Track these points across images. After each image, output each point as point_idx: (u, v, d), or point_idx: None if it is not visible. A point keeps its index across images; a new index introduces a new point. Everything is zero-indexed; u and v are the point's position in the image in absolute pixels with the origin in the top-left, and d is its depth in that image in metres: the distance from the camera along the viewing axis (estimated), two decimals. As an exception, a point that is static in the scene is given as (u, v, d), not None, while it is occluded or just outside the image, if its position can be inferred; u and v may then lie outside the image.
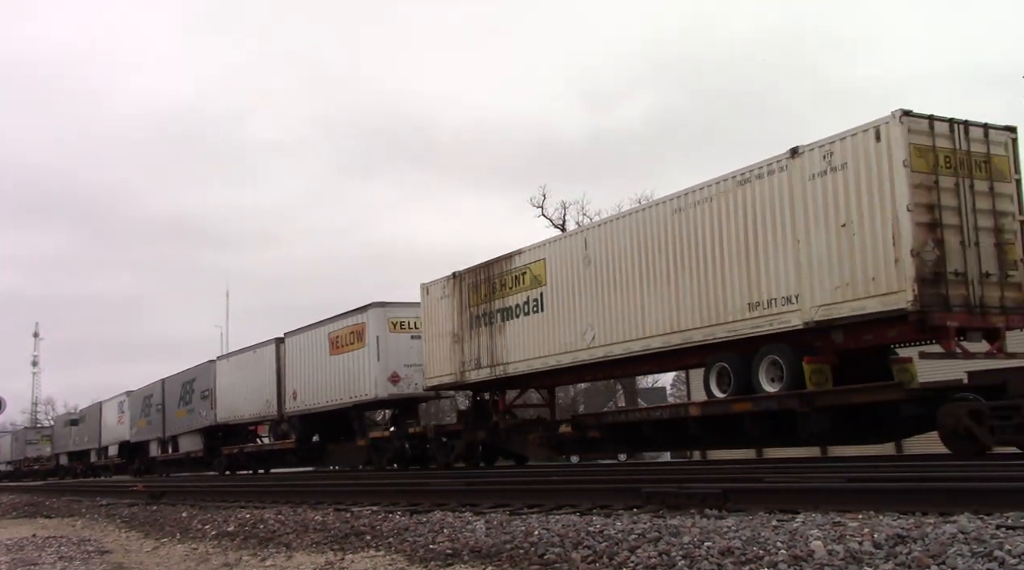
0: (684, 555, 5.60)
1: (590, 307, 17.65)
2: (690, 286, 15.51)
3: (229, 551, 9.50)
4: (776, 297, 14.09)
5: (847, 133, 13.22)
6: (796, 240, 13.79)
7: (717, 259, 15.03)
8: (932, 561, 4.67)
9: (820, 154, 13.48)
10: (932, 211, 12.63)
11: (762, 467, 12.88)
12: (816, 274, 13.48)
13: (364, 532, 8.72)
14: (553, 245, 19.24)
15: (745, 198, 14.57)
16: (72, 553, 10.85)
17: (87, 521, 15.89)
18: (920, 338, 13.27)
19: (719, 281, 14.98)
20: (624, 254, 16.98)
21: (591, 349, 17.65)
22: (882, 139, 12.71)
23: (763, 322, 14.28)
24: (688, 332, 15.57)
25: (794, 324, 13.79)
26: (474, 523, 8.12)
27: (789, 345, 14.12)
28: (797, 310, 13.76)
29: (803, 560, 5.06)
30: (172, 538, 11.38)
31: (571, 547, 6.39)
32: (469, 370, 21.20)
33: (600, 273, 17.51)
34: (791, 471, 10.50)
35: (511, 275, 20.00)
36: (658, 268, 16.17)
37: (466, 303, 21.34)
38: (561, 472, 16.51)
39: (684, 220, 15.69)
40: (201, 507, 14.30)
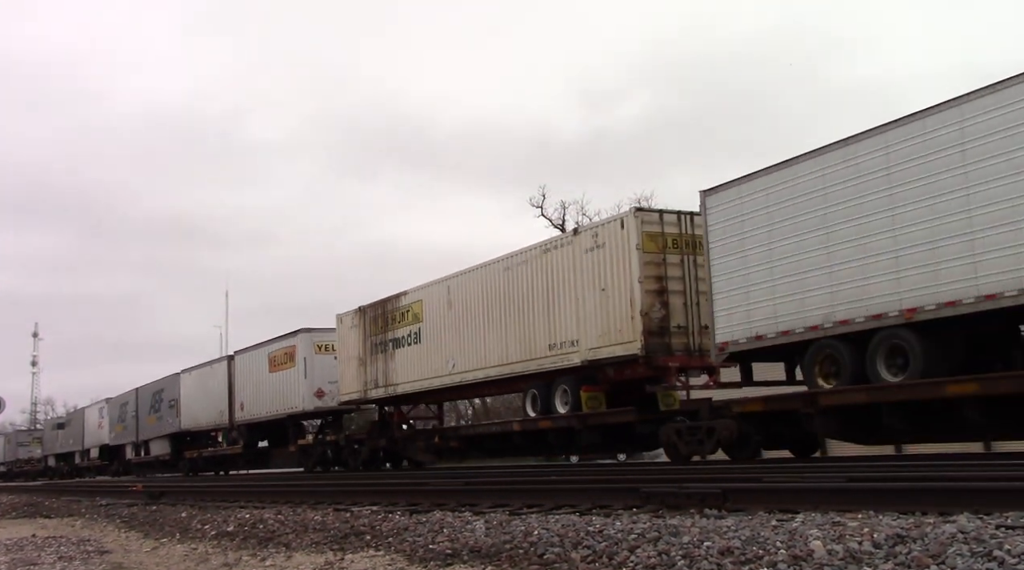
0: (684, 555, 5.60)
1: (452, 341, 22.02)
2: (514, 329, 19.88)
3: (229, 551, 9.50)
4: (565, 341, 18.44)
5: (607, 220, 18.01)
6: (576, 298, 18.10)
7: (530, 309, 19.42)
8: (932, 561, 4.67)
9: (591, 235, 17.86)
10: (660, 281, 16.83)
11: (761, 467, 12.89)
12: (588, 325, 17.79)
13: (364, 532, 8.72)
14: (428, 289, 23.30)
15: (546, 263, 19.00)
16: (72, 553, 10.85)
17: (87, 521, 15.89)
18: (652, 375, 16.98)
19: (531, 326, 19.37)
20: (474, 301, 21.36)
21: (452, 375, 22.14)
22: (624, 227, 16.99)
23: (557, 359, 18.67)
24: (512, 365, 20.01)
25: (575, 362, 18.19)
26: (474, 523, 8.12)
27: (574, 377, 18.45)
28: (577, 352, 18.13)
29: (803, 560, 5.06)
30: (172, 538, 11.38)
31: (571, 547, 6.39)
32: (370, 389, 25.49)
33: (458, 315, 21.88)
34: (790, 471, 10.50)
35: (399, 312, 24.32)
36: (494, 313, 20.60)
37: (368, 332, 25.64)
38: (560, 472, 16.54)
39: (510, 277, 20.08)
40: (200, 507, 14.30)
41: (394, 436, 25.52)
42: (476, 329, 21.14)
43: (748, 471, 11.08)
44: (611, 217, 18.04)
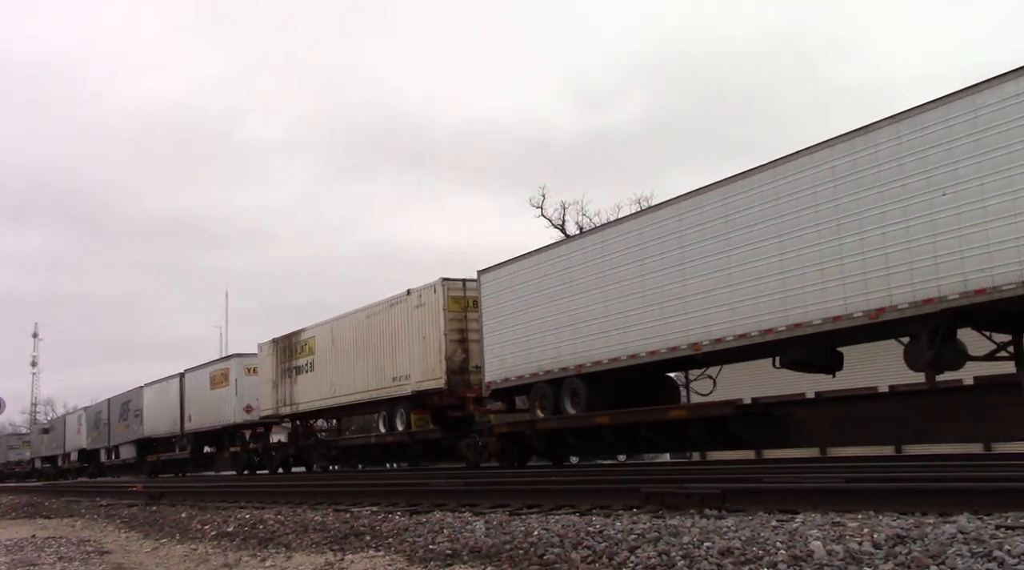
0: (684, 555, 5.60)
1: (334, 371, 27.77)
2: (372, 364, 25.57)
3: (229, 551, 9.50)
4: (401, 375, 24.15)
5: (426, 286, 23.40)
6: (408, 343, 23.91)
7: (381, 349, 25.15)
8: (932, 561, 4.67)
9: (417, 296, 23.70)
10: (462, 332, 22.62)
11: (761, 467, 12.90)
12: (415, 364, 23.59)
13: (364, 532, 8.72)
14: (319, 328, 29.07)
15: (391, 315, 24.83)
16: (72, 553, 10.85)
17: (86, 521, 15.89)
18: (455, 403, 23.04)
19: (382, 362, 25.10)
20: (347, 340, 27.14)
21: (334, 398, 27.86)
22: (436, 293, 22.88)
23: (396, 389, 24.40)
24: (371, 391, 25.76)
25: (408, 391, 23.91)
26: (474, 523, 8.12)
27: (408, 403, 24.28)
28: (409, 384, 23.78)
29: (803, 560, 5.06)
30: (172, 538, 11.38)
31: (571, 547, 6.39)
32: (281, 406, 31.10)
33: (338, 350, 27.60)
34: (790, 471, 10.51)
35: (300, 345, 30.16)
36: (360, 351, 26.28)
37: (279, 360, 31.22)
38: (561, 472, 16.54)
39: (370, 323, 25.87)
40: (200, 507, 14.30)
41: (300, 445, 31.31)
42: (349, 362, 26.94)
43: (748, 471, 11.08)
44: (428, 284, 23.38)
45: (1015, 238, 11.39)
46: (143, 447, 43.02)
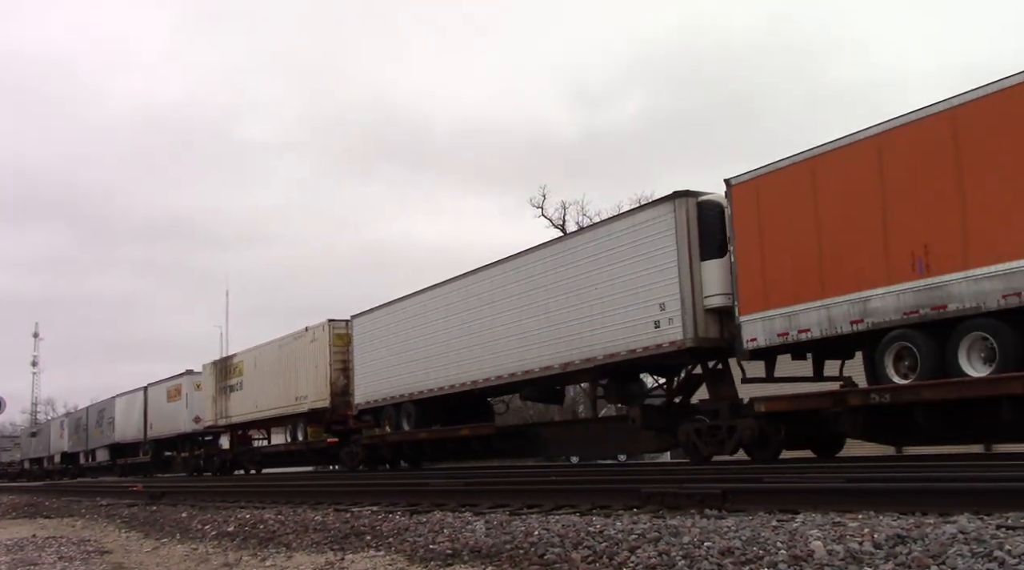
0: (684, 555, 5.60)
1: (256, 390, 32.98)
2: (283, 385, 30.79)
3: (229, 551, 9.50)
4: (301, 395, 29.54)
5: (318, 325, 28.93)
6: (306, 370, 29.30)
7: (288, 373, 30.43)
8: (932, 561, 4.67)
9: (312, 332, 29.18)
10: (344, 363, 27.83)
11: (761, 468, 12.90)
12: (311, 387, 28.98)
13: (364, 532, 8.72)
14: (246, 353, 34.46)
15: (294, 347, 30.33)
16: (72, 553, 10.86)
17: (87, 521, 15.89)
18: (338, 419, 28.21)
19: (288, 384, 30.41)
20: (265, 365, 32.56)
21: (258, 412, 33.01)
22: (324, 331, 28.50)
23: (298, 406, 29.73)
24: (281, 408, 30.95)
25: (305, 409, 29.28)
26: (474, 523, 8.12)
27: (306, 418, 29.90)
28: (306, 402, 29.15)
29: (803, 560, 5.06)
30: (172, 538, 11.38)
31: (571, 547, 6.40)
32: (219, 419, 36.29)
33: (260, 372, 32.72)
34: (791, 471, 10.51)
35: (232, 367, 35.49)
36: (274, 373, 31.47)
37: (218, 379, 36.50)
38: (561, 472, 16.54)
39: (281, 353, 31.19)
40: (201, 507, 14.30)
41: (236, 451, 36.74)
42: (267, 383, 32.05)
43: (748, 471, 11.08)
44: (319, 324, 28.89)
45: (623, 324, 17.14)
46: (115, 451, 48.05)
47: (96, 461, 51.60)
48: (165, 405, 41.55)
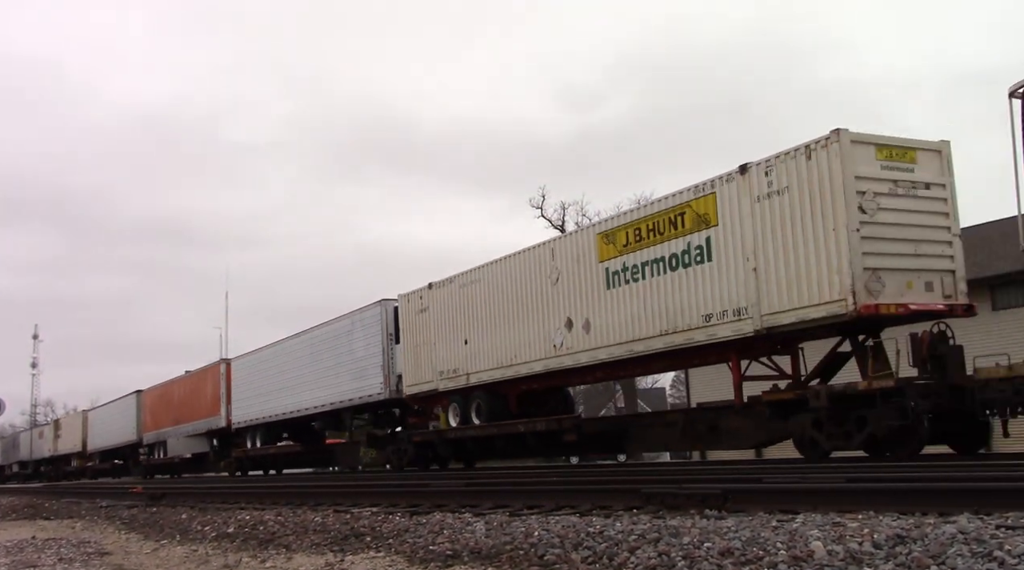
0: (684, 556, 5.60)
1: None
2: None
3: (229, 553, 9.50)
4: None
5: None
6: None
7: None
8: (932, 561, 4.67)
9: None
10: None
11: (762, 468, 12.89)
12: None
13: (364, 533, 8.72)
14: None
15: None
16: (72, 555, 10.85)
17: (87, 523, 15.88)
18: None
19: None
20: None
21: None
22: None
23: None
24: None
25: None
26: (474, 524, 8.12)
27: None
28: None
29: (803, 561, 5.06)
30: (172, 540, 11.38)
31: (571, 548, 6.39)
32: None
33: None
34: (791, 472, 10.50)
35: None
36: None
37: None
38: (560, 473, 16.53)
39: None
40: (201, 509, 14.29)
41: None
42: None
43: (748, 472, 11.08)
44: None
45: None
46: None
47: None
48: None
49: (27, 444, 66.13)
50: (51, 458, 58.85)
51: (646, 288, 16.29)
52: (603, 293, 17.25)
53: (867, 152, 13.22)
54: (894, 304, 12.85)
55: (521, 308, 19.43)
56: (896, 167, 13.31)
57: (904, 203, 13.28)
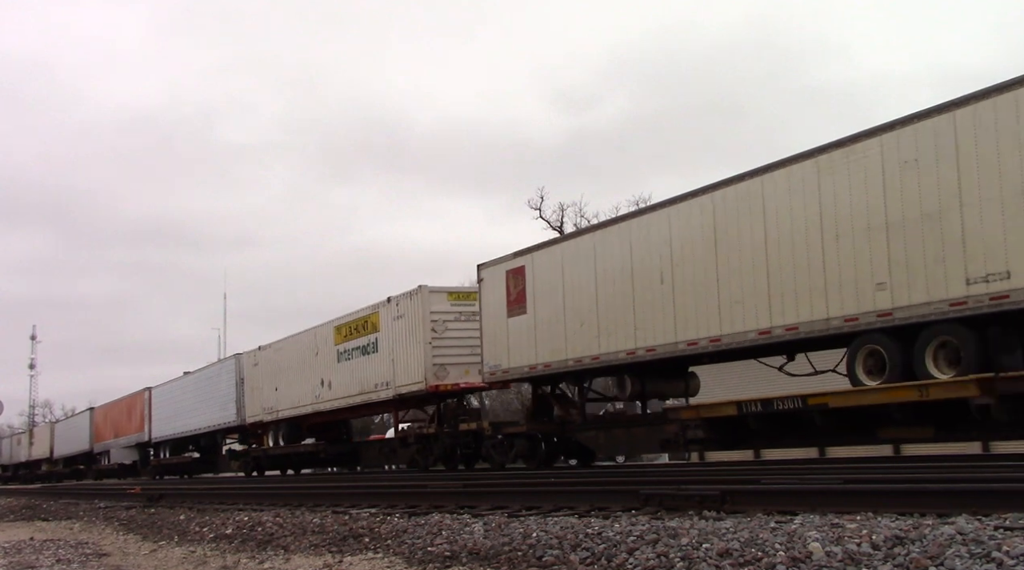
0: (683, 557, 5.60)
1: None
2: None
3: (227, 554, 9.50)
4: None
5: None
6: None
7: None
8: (930, 562, 4.67)
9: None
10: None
11: (760, 469, 12.90)
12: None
13: (362, 534, 8.71)
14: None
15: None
16: (70, 556, 10.86)
17: (85, 524, 15.88)
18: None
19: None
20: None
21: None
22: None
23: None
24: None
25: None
26: (472, 525, 8.11)
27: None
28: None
29: (801, 561, 5.06)
30: (170, 541, 11.37)
31: (569, 549, 6.39)
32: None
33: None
34: (789, 473, 10.50)
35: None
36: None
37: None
38: (559, 474, 16.53)
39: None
40: (199, 510, 14.27)
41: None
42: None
43: (747, 473, 11.08)
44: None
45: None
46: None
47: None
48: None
49: (8, 449, 70.48)
50: (27, 462, 63.77)
51: (354, 364, 25.53)
52: (336, 365, 26.53)
53: (441, 297, 22.37)
54: (450, 383, 21.92)
55: (302, 370, 28.58)
56: (461, 304, 22.28)
57: (464, 325, 21.75)
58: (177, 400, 38.04)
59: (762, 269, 13.72)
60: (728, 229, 14.34)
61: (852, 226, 12.50)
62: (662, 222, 15.63)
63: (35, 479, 58.16)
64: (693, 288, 14.87)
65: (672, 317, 15.24)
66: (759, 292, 13.73)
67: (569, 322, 17.42)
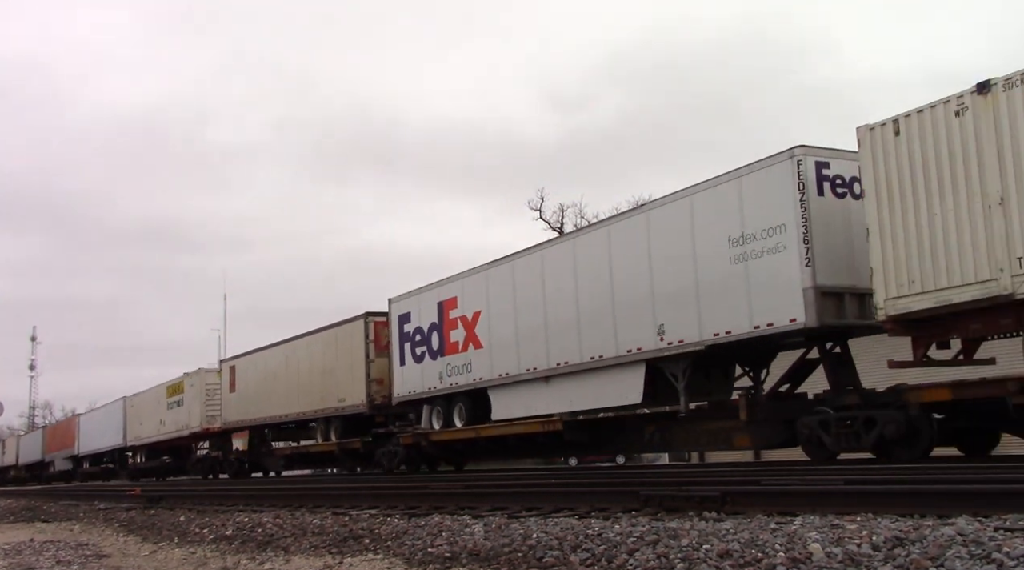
0: (683, 558, 5.60)
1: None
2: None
3: (227, 555, 9.50)
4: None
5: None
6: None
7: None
8: (930, 563, 4.67)
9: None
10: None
11: (760, 470, 12.89)
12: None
13: (362, 535, 8.71)
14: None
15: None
16: (70, 557, 10.85)
17: (85, 525, 15.87)
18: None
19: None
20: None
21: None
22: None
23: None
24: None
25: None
26: (472, 526, 8.11)
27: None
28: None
29: (801, 562, 5.06)
30: (170, 542, 11.36)
31: (569, 550, 6.39)
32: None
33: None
34: (789, 474, 10.50)
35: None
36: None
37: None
38: (559, 475, 16.53)
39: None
40: (199, 511, 14.27)
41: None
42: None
43: (747, 474, 11.08)
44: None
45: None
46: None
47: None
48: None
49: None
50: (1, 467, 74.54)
51: (173, 412, 38.57)
52: (167, 411, 39.45)
53: (213, 374, 36.33)
54: (216, 427, 34.50)
55: (152, 412, 40.89)
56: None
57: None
58: (94, 426, 50.61)
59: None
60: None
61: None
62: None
63: (4, 482, 67.03)
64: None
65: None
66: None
67: (261, 396, 30.90)
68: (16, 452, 69.26)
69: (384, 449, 23.90)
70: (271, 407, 29.74)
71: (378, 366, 24.02)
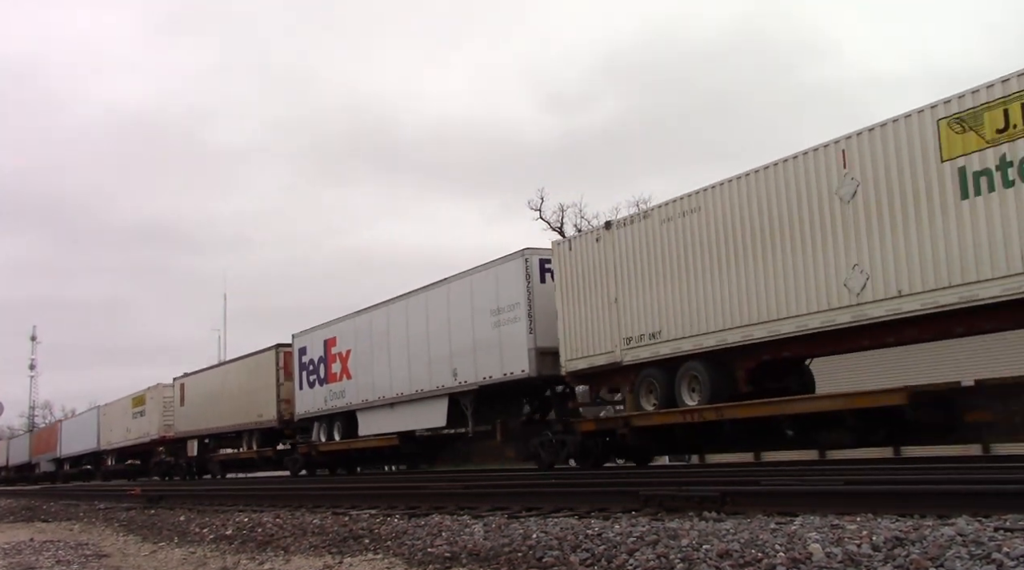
0: (682, 558, 5.60)
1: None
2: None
3: (227, 555, 9.50)
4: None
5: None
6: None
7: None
8: (930, 563, 4.67)
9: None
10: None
11: (760, 470, 12.90)
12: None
13: (362, 535, 8.71)
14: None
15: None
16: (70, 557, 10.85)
17: (84, 525, 15.87)
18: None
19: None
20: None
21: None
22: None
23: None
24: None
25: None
26: (472, 526, 8.11)
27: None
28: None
29: (801, 562, 5.06)
30: (170, 542, 11.36)
31: (569, 550, 6.39)
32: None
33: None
34: (789, 474, 10.50)
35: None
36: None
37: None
38: (559, 475, 16.54)
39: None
40: (199, 511, 14.28)
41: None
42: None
43: (747, 474, 11.08)
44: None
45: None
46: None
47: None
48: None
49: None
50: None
51: (137, 422, 44.18)
52: (132, 420, 44.28)
53: (170, 388, 39.38)
54: (171, 435, 39.22)
55: (120, 420, 47.93)
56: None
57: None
58: (73, 431, 54.28)
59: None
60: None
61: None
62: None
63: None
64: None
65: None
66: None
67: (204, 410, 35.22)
68: (7, 454, 74.02)
69: (290, 457, 29.72)
70: (211, 420, 34.70)
71: (286, 388, 29.18)
